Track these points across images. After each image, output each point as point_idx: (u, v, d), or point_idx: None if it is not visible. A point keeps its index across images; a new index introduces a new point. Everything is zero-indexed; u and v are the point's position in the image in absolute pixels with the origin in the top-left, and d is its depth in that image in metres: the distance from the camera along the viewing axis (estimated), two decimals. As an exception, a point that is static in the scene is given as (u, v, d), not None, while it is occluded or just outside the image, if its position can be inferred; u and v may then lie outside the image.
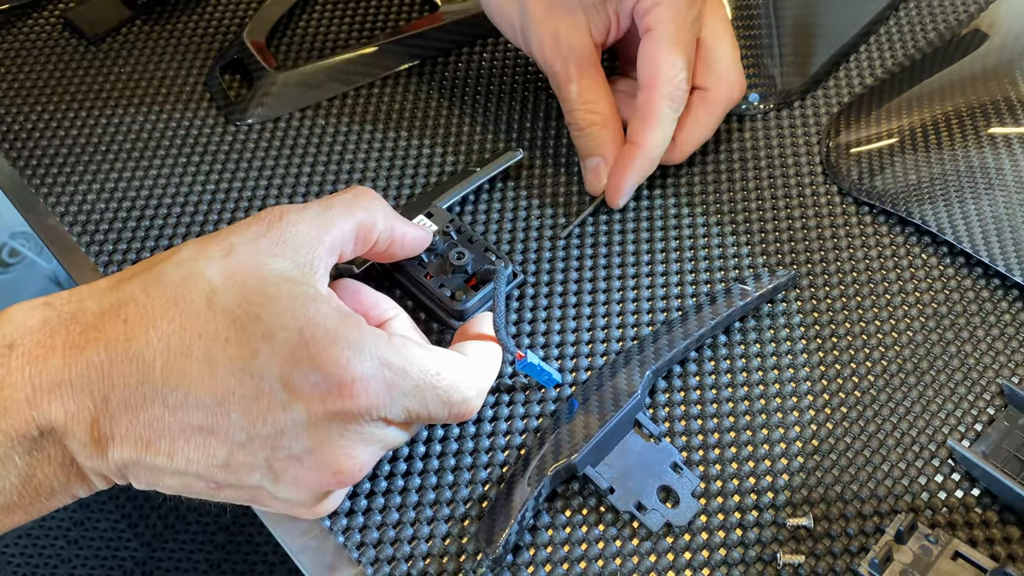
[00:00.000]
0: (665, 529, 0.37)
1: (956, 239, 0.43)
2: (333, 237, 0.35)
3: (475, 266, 0.42)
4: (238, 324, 0.31)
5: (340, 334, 0.31)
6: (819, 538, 0.36)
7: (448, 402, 0.34)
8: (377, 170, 0.49)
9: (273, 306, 0.31)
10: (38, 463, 0.31)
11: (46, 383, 0.30)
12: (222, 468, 0.32)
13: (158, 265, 0.33)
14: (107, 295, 0.32)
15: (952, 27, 0.54)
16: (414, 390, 0.33)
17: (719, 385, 0.41)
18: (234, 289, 0.32)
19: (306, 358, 0.31)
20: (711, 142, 0.49)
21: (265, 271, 0.32)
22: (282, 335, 0.31)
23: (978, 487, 0.37)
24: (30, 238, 1.16)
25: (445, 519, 0.38)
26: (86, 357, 0.31)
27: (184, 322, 0.31)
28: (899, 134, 0.48)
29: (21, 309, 0.32)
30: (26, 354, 0.31)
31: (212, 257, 0.32)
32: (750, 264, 0.45)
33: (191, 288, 0.32)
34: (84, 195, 0.49)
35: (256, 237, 0.33)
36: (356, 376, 0.31)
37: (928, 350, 0.41)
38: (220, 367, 0.31)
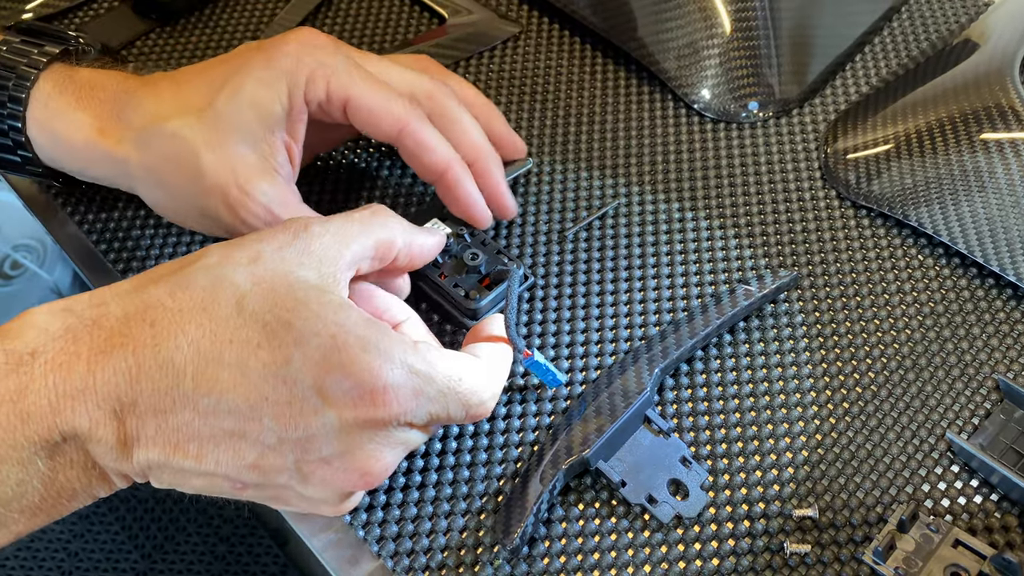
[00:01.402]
0: (675, 521, 0.38)
1: (951, 240, 0.45)
2: (353, 252, 0.35)
3: (488, 267, 0.43)
4: (269, 330, 0.31)
5: (371, 341, 0.32)
6: (824, 528, 0.38)
7: (467, 405, 0.35)
8: (389, 177, 0.51)
9: (304, 312, 0.32)
10: (60, 467, 0.31)
11: (70, 390, 0.30)
12: (251, 469, 0.32)
13: (184, 269, 0.33)
14: (131, 298, 0.32)
15: (944, 37, 0.56)
16: (438, 395, 0.34)
17: (725, 382, 0.42)
18: (263, 295, 0.32)
19: (338, 365, 0.31)
20: (712, 149, 0.51)
21: (292, 278, 0.33)
22: (315, 341, 0.31)
23: (976, 478, 0.39)
24: (32, 250, 1.17)
25: (462, 513, 0.39)
26: (112, 363, 0.31)
27: (214, 328, 0.31)
28: (895, 140, 0.49)
29: (42, 314, 0.32)
30: (50, 361, 0.30)
31: (239, 263, 0.33)
32: (753, 266, 0.46)
33: (220, 293, 0.32)
34: (102, 202, 0.50)
35: (282, 246, 0.33)
36: (387, 384, 0.32)
37: (926, 347, 0.43)
38: (253, 373, 0.31)
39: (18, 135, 0.42)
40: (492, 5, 0.59)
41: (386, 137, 0.41)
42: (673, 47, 0.53)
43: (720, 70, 0.52)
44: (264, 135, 0.40)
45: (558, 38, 0.57)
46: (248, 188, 0.40)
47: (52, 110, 0.42)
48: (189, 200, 0.41)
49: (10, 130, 0.42)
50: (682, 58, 0.53)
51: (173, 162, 0.40)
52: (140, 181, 0.42)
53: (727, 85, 0.52)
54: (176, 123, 0.40)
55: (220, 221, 0.41)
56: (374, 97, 0.40)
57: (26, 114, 0.42)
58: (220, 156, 0.40)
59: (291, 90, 0.40)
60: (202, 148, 0.40)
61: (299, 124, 0.41)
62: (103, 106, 0.42)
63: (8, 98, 0.42)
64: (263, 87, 0.40)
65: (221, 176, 0.40)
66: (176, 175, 0.41)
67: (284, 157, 0.41)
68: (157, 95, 0.42)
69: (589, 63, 0.56)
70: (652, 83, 0.54)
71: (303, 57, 0.40)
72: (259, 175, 0.40)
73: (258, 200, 0.40)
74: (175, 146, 0.40)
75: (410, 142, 0.41)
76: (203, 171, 0.40)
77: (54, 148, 0.43)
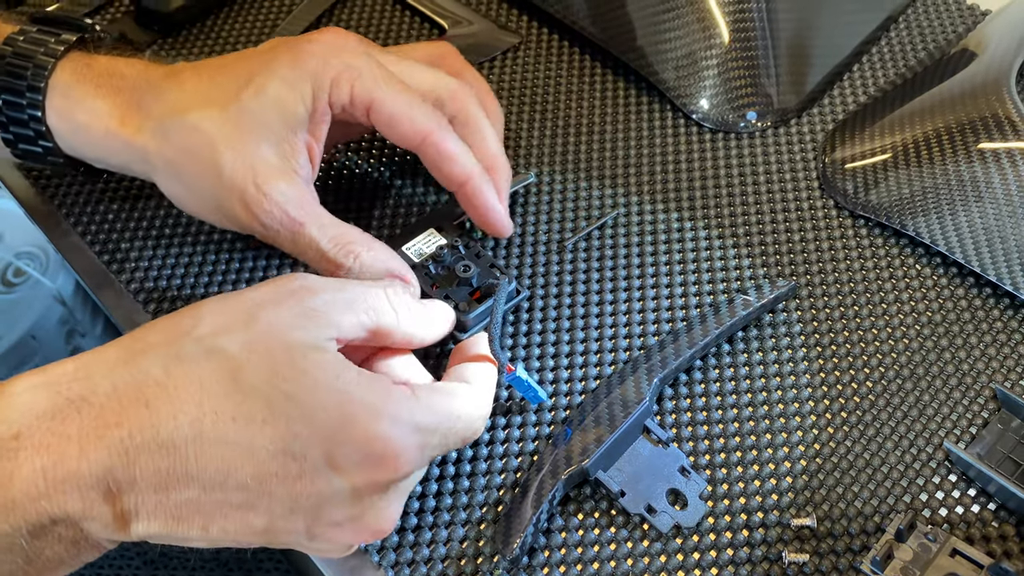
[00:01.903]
0: (674, 531, 0.38)
1: (948, 250, 0.45)
2: (351, 323, 0.34)
3: (480, 280, 0.43)
4: (272, 405, 0.31)
5: (378, 407, 0.32)
6: (822, 537, 0.38)
7: (465, 438, 0.36)
8: (390, 188, 0.51)
9: (306, 382, 0.31)
10: (47, 544, 0.30)
11: (61, 475, 0.29)
12: (260, 535, 0.32)
13: (177, 341, 0.32)
14: (120, 372, 0.31)
15: (941, 47, 0.56)
16: (441, 441, 0.34)
17: (724, 392, 0.42)
18: (261, 364, 0.31)
19: (349, 438, 0.31)
20: (711, 159, 0.51)
21: (290, 342, 0.32)
22: (322, 416, 0.31)
23: (974, 487, 0.39)
24: (35, 257, 1.17)
25: (462, 523, 0.39)
26: (106, 444, 0.30)
27: (215, 406, 0.30)
28: (892, 150, 0.49)
29: (24, 390, 0.30)
30: (36, 444, 0.29)
31: (232, 331, 0.32)
32: (751, 275, 0.46)
33: (215, 368, 0.31)
34: (104, 213, 0.50)
35: (278, 304, 0.33)
36: (398, 448, 0.32)
37: (924, 356, 0.43)
38: (261, 450, 0.30)
39: (39, 124, 0.42)
40: (492, 16, 0.59)
41: (408, 144, 0.41)
42: (672, 58, 0.53)
43: (718, 80, 0.53)
44: (286, 135, 0.39)
45: (557, 49, 0.57)
46: (266, 188, 0.39)
47: (71, 99, 0.41)
48: (206, 194, 0.40)
49: (30, 120, 0.42)
50: (680, 68, 0.53)
51: (192, 155, 0.40)
52: (158, 172, 0.41)
53: (725, 95, 0.53)
54: (197, 116, 0.39)
55: (236, 218, 0.40)
56: (397, 103, 0.40)
57: (45, 103, 0.41)
58: (240, 153, 0.39)
59: (316, 92, 0.40)
60: (222, 144, 0.39)
61: (322, 125, 0.41)
62: (122, 94, 0.41)
63: (27, 87, 0.41)
64: (288, 87, 0.39)
65: (240, 173, 0.39)
66: (194, 168, 0.40)
67: (305, 158, 0.40)
68: (180, 85, 0.41)
69: (588, 74, 0.56)
70: (651, 93, 0.55)
71: (329, 59, 0.40)
72: (278, 175, 0.39)
73: (275, 200, 0.39)
74: (195, 139, 0.39)
75: (432, 151, 0.41)
76: (222, 167, 0.39)
77: (74, 137, 0.42)
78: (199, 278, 0.47)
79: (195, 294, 0.47)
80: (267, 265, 0.48)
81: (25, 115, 0.42)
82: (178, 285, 0.47)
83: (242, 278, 0.47)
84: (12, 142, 0.43)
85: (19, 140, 0.43)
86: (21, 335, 1.07)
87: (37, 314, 1.10)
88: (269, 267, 0.48)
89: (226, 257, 0.48)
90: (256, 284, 0.35)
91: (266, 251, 0.48)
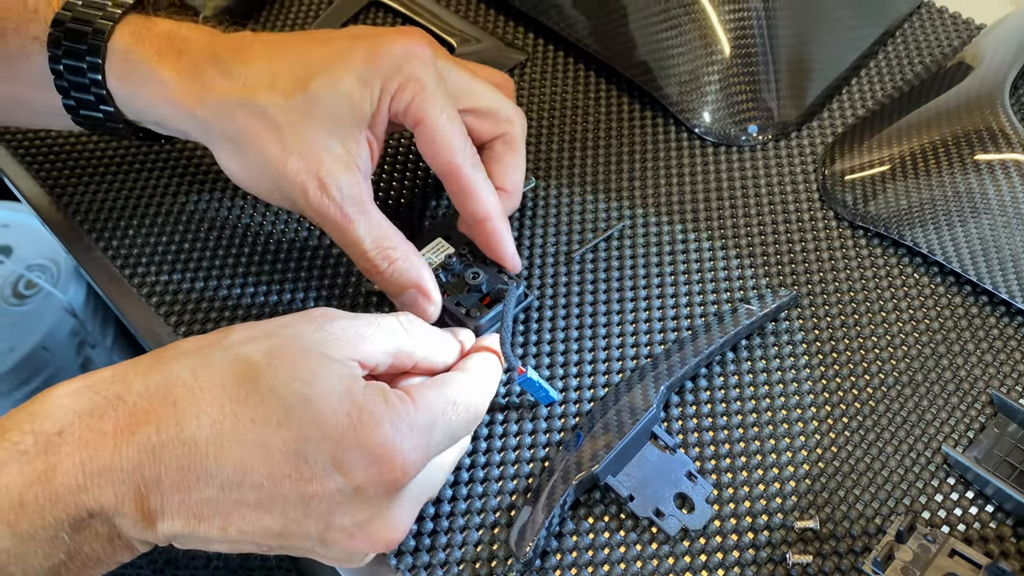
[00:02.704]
0: (682, 534, 0.40)
1: (946, 259, 0.47)
2: (369, 352, 0.36)
3: (489, 285, 0.45)
4: (287, 407, 0.32)
5: (382, 415, 0.33)
6: (825, 539, 0.39)
7: (468, 421, 0.37)
8: (399, 198, 0.52)
9: (320, 386, 0.33)
10: (86, 540, 0.32)
11: (97, 468, 0.31)
12: (276, 537, 0.33)
13: (205, 349, 0.34)
14: (152, 375, 0.33)
15: (938, 60, 0.57)
16: (443, 436, 0.36)
17: (728, 399, 0.44)
18: (280, 367, 0.33)
19: (355, 442, 0.32)
20: (714, 172, 0.53)
21: (309, 350, 0.34)
22: (332, 420, 0.32)
23: (972, 490, 0.40)
24: (46, 270, 1.19)
25: (477, 527, 0.40)
26: (137, 440, 0.32)
27: (235, 408, 0.32)
28: (891, 162, 0.51)
29: (66, 393, 0.32)
30: (77, 439, 0.31)
31: (256, 339, 0.34)
32: (754, 285, 0.48)
33: (238, 371, 0.33)
34: (126, 227, 0.52)
35: (303, 332, 0.35)
36: (399, 451, 0.33)
37: (922, 363, 0.44)
38: (276, 451, 0.32)
39: (99, 89, 0.42)
40: (499, 34, 0.60)
41: (437, 171, 0.42)
42: (675, 73, 0.55)
43: (720, 95, 0.54)
44: (351, 130, 0.40)
45: (563, 65, 0.59)
46: (328, 181, 0.39)
47: (131, 62, 0.41)
48: (266, 175, 0.40)
49: (91, 84, 0.42)
50: (683, 84, 0.54)
51: (257, 138, 0.40)
52: (217, 146, 0.42)
53: (727, 110, 0.54)
54: (266, 100, 0.39)
55: (294, 203, 0.41)
56: (442, 132, 0.41)
57: (105, 67, 0.41)
58: (308, 144, 0.39)
59: (382, 94, 0.40)
60: (289, 133, 0.39)
61: (383, 124, 0.41)
62: (185, 58, 0.41)
63: (87, 50, 0.41)
64: (361, 84, 0.40)
65: (305, 164, 0.39)
66: (258, 151, 0.40)
67: (367, 153, 0.41)
68: (247, 62, 0.40)
69: (594, 89, 0.57)
70: (655, 108, 0.56)
71: (403, 65, 0.40)
72: (341, 168, 0.40)
73: (333, 194, 0.39)
74: (261, 124, 0.39)
75: (456, 186, 0.42)
76: (288, 156, 0.39)
77: (134, 100, 0.42)
78: (218, 290, 0.49)
79: (213, 304, 0.48)
80: (285, 279, 0.49)
81: (86, 79, 0.41)
82: (197, 298, 0.49)
83: (260, 292, 0.49)
84: (74, 108, 0.43)
85: (80, 106, 0.43)
86: (33, 347, 1.08)
87: (49, 326, 1.12)
88: (285, 280, 0.49)
89: (243, 271, 0.50)
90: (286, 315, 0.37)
91: (284, 265, 0.50)
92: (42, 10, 0.42)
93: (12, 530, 0.31)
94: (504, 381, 0.45)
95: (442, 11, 0.61)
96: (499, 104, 0.45)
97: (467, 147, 0.42)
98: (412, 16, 0.61)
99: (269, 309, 0.48)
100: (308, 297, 0.49)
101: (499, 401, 0.44)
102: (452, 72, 0.44)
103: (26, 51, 0.42)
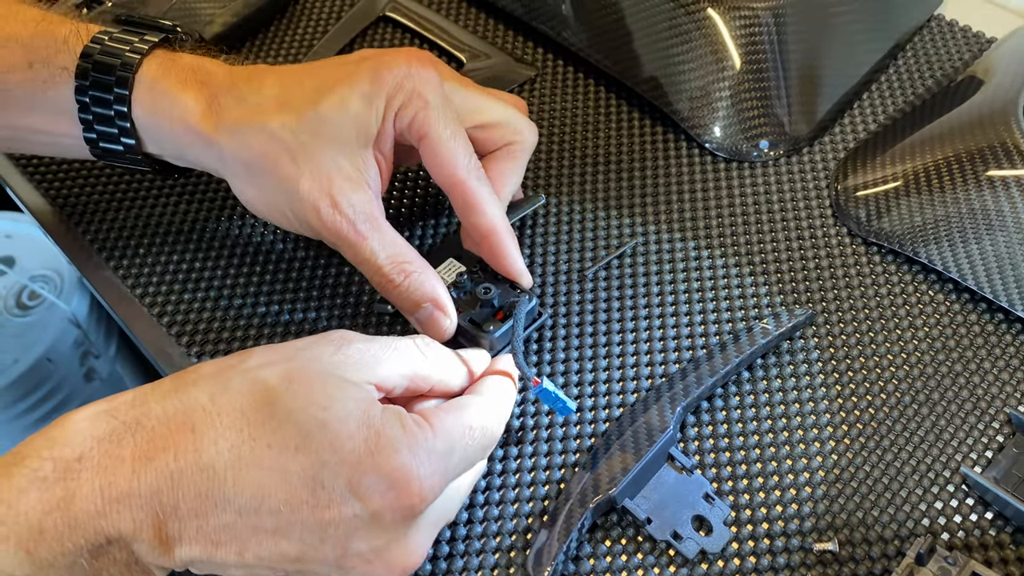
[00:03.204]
0: (700, 556, 0.39)
1: (961, 277, 0.46)
2: (386, 375, 0.36)
3: (501, 300, 0.45)
4: (304, 432, 0.32)
5: (400, 440, 0.33)
6: (844, 562, 0.39)
7: (484, 446, 0.37)
8: (409, 215, 0.52)
9: (338, 411, 0.33)
10: (104, 566, 0.32)
11: (116, 495, 0.31)
12: (293, 562, 0.33)
13: (224, 373, 0.34)
14: (171, 400, 0.33)
15: (948, 74, 0.57)
16: (460, 461, 0.36)
17: (745, 419, 0.43)
18: (298, 392, 0.33)
19: (372, 468, 0.32)
20: (726, 187, 0.52)
21: (326, 374, 0.34)
22: (349, 445, 0.32)
23: (991, 511, 0.40)
24: (49, 280, 1.19)
25: (493, 551, 0.40)
26: (155, 467, 0.32)
27: (252, 433, 0.32)
28: (903, 178, 0.51)
29: (86, 418, 0.33)
30: (96, 465, 0.31)
31: (275, 363, 0.34)
32: (768, 303, 0.48)
33: (256, 396, 0.33)
34: (128, 238, 0.52)
35: (320, 355, 0.35)
36: (417, 477, 0.33)
37: (939, 382, 0.44)
38: (293, 476, 0.32)
39: (124, 121, 0.43)
40: (509, 49, 0.60)
41: (442, 185, 0.42)
42: (685, 88, 0.54)
43: (731, 110, 0.54)
44: (359, 149, 0.41)
45: (573, 81, 0.59)
46: (339, 199, 0.40)
47: (156, 91, 0.42)
48: (279, 199, 0.41)
49: (116, 116, 0.43)
50: (694, 99, 0.54)
51: (269, 161, 0.41)
52: (231, 173, 0.43)
53: (738, 125, 0.54)
54: (277, 122, 0.40)
55: (308, 224, 0.41)
56: (445, 146, 0.41)
57: (132, 97, 0.42)
58: (318, 163, 0.40)
59: (386, 111, 0.41)
60: (300, 154, 0.40)
61: (389, 142, 0.42)
62: (206, 89, 0.42)
63: (115, 81, 0.42)
64: (366, 103, 0.41)
65: (317, 183, 0.40)
66: (270, 174, 0.41)
67: (375, 171, 0.42)
68: (259, 89, 0.42)
69: (604, 105, 0.57)
70: (665, 124, 0.56)
71: (404, 83, 0.41)
72: (352, 187, 0.40)
73: (345, 212, 0.40)
74: (272, 146, 0.40)
75: (460, 200, 0.42)
76: (299, 176, 0.40)
77: (157, 130, 0.43)
78: (228, 309, 0.49)
79: (224, 323, 0.48)
80: (297, 299, 0.49)
81: (111, 111, 0.43)
82: (208, 317, 0.49)
83: (271, 311, 0.49)
84: (94, 140, 0.44)
85: (101, 138, 0.44)
86: (37, 358, 1.08)
87: (52, 337, 1.11)
88: (297, 299, 0.49)
89: (254, 290, 0.50)
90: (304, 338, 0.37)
91: (296, 284, 0.50)
92: (72, 42, 0.43)
93: (31, 557, 0.30)
94: (519, 401, 0.44)
95: (452, 27, 0.61)
96: (508, 116, 0.45)
97: (471, 161, 0.42)
98: (422, 32, 0.61)
99: (281, 328, 0.48)
100: (320, 317, 0.48)
101: (514, 423, 0.44)
102: (459, 92, 0.44)
103: (53, 81, 0.43)
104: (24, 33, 0.43)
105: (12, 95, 0.44)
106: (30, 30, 0.43)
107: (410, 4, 0.62)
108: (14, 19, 0.44)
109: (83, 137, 0.44)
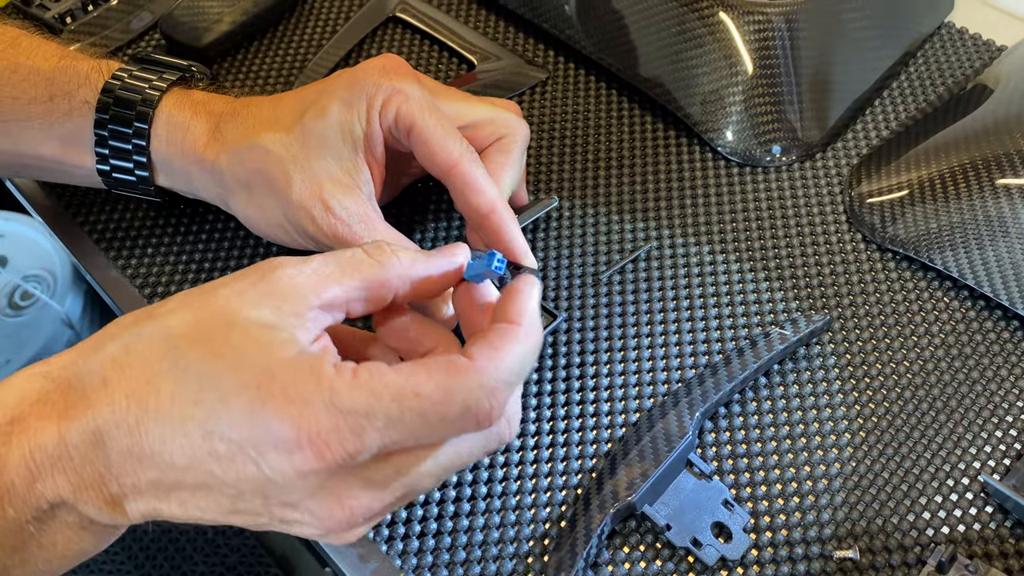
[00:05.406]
0: (720, 563, 0.39)
1: (976, 283, 0.46)
2: (334, 295, 0.32)
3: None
4: (202, 383, 0.30)
5: (295, 390, 0.30)
6: (864, 570, 0.39)
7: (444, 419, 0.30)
8: (414, 215, 0.52)
9: (233, 360, 0.30)
10: (57, 530, 0.31)
11: (46, 459, 0.30)
12: (233, 514, 0.32)
13: (141, 321, 0.32)
14: (92, 356, 0.31)
15: (960, 81, 0.57)
16: (389, 422, 0.30)
17: (763, 425, 0.43)
18: (200, 343, 0.30)
19: (262, 421, 0.29)
20: (739, 192, 0.52)
21: (237, 318, 0.31)
22: (244, 396, 0.30)
23: (1011, 519, 0.40)
24: (42, 280, 1.17)
25: (510, 557, 0.40)
26: (78, 426, 0.30)
27: (159, 384, 0.30)
28: (917, 184, 0.51)
29: (24, 379, 0.31)
30: (26, 429, 0.30)
31: (187, 306, 0.32)
32: (784, 308, 0.47)
33: (162, 345, 0.31)
34: (127, 229, 0.52)
35: (244, 288, 0.32)
36: (311, 433, 0.29)
37: (956, 388, 0.44)
38: (194, 431, 0.30)
39: (140, 155, 0.45)
40: (520, 51, 0.60)
41: (437, 171, 0.42)
42: (697, 92, 0.54)
43: (744, 115, 0.54)
44: (347, 153, 0.42)
45: (584, 84, 0.58)
46: (332, 202, 0.41)
47: (172, 125, 0.44)
48: (277, 211, 0.43)
49: (134, 150, 0.45)
50: (706, 103, 0.54)
51: (263, 174, 0.42)
52: (232, 194, 0.44)
53: (751, 130, 0.54)
54: (267, 138, 0.42)
55: (305, 232, 0.42)
56: (435, 131, 0.41)
57: (150, 131, 0.44)
58: (308, 170, 0.41)
59: (369, 112, 0.42)
60: (290, 162, 0.42)
61: (378, 145, 0.43)
62: (211, 119, 0.44)
63: (136, 116, 0.44)
64: (346, 108, 0.42)
65: (308, 189, 0.41)
66: (266, 187, 0.42)
67: (367, 175, 0.42)
68: (253, 113, 0.44)
69: (616, 108, 0.57)
70: (678, 127, 0.56)
71: (382, 82, 0.42)
72: (343, 191, 0.41)
73: (338, 215, 0.41)
74: (265, 160, 0.42)
75: (459, 181, 0.41)
76: (291, 183, 0.41)
77: (171, 161, 0.45)
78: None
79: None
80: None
81: (129, 145, 0.45)
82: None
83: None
84: (107, 172, 0.46)
85: (115, 171, 0.46)
86: (29, 358, 1.07)
87: (46, 337, 1.10)
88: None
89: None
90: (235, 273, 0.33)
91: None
92: (94, 79, 0.45)
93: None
94: (534, 406, 0.44)
95: (462, 28, 0.61)
96: (495, 114, 0.46)
97: (462, 144, 0.42)
98: (431, 33, 0.61)
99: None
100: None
101: (530, 428, 0.44)
102: (441, 95, 0.45)
103: (72, 114, 0.45)
104: (46, 67, 0.45)
105: (30, 126, 0.45)
106: (52, 64, 0.45)
107: (420, 5, 0.62)
108: (36, 53, 0.46)
109: (96, 168, 0.46)
